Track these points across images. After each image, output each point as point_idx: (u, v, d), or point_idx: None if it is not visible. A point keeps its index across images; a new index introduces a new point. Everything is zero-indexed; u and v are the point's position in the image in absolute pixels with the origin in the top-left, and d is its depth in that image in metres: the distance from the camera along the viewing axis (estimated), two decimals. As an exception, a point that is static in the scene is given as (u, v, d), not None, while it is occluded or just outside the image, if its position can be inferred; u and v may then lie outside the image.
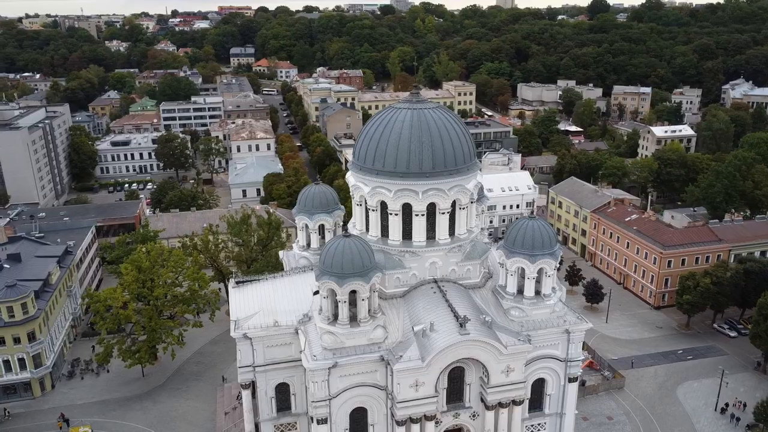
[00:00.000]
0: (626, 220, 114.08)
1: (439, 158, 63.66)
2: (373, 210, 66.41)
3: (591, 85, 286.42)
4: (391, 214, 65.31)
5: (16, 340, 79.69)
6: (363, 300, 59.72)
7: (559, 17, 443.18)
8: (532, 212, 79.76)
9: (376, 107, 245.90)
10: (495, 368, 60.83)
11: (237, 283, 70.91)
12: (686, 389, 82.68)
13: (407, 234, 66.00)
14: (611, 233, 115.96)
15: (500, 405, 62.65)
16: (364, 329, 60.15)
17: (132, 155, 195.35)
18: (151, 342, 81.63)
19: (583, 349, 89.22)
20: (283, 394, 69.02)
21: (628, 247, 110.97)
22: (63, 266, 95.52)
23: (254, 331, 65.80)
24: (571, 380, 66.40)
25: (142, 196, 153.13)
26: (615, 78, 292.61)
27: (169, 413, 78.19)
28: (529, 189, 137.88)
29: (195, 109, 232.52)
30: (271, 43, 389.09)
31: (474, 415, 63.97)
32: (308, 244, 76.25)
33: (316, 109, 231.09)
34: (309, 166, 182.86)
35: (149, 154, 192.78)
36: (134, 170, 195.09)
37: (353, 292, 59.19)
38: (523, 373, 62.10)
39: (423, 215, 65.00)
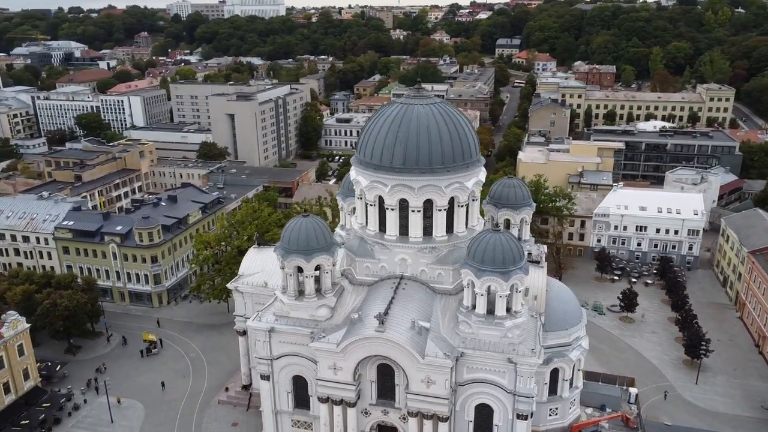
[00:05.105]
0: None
1: (412, 155, 63.12)
2: (358, 198, 69.16)
3: None
4: (368, 204, 67.23)
5: (143, 260, 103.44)
6: (308, 277, 63.85)
7: None
8: (496, 225, 70.64)
9: (605, 107, 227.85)
10: (414, 375, 59.28)
11: (258, 245, 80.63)
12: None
13: (383, 226, 67.06)
14: (760, 282, 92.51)
15: (423, 415, 60.62)
16: (307, 304, 64.36)
17: (350, 132, 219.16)
18: (226, 282, 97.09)
19: (634, 402, 77.28)
20: (271, 348, 77.20)
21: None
22: (207, 212, 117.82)
23: (244, 287, 75.44)
24: (519, 417, 59.84)
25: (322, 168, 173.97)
26: None
27: (220, 344, 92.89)
28: (695, 215, 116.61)
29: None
30: (536, 35, 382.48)
31: (404, 418, 63.08)
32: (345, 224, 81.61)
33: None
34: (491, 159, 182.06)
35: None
36: (350, 145, 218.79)
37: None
38: (447, 390, 58.89)
39: (394, 210, 65.37)
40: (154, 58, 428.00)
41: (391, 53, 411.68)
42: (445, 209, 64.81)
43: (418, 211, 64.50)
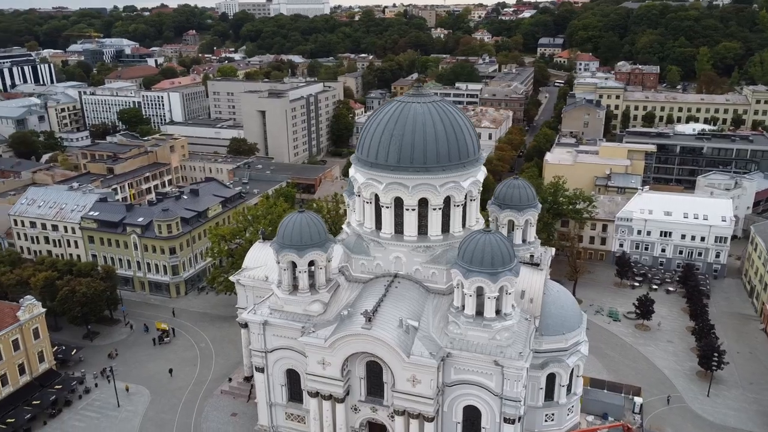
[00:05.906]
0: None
1: (406, 153, 63.08)
2: (356, 195, 69.46)
3: None
4: (365, 201, 67.50)
5: (162, 251, 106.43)
6: (301, 272, 64.61)
7: None
8: (487, 225, 69.15)
9: (644, 108, 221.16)
10: (400, 374, 59.31)
11: (263, 239, 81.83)
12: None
13: (379, 224, 67.19)
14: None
15: (409, 414, 60.53)
16: (301, 299, 65.18)
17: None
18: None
19: (638, 411, 75.27)
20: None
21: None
22: (228, 206, 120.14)
23: (246, 280, 76.71)
24: (507, 420, 59.07)
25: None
26: None
27: (229, 335, 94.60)
28: (723, 221, 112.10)
29: (454, 95, 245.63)
30: (579, 33, 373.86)
31: (392, 416, 63.02)
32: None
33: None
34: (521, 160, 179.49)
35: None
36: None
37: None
38: (432, 390, 58.61)
39: (389, 208, 65.41)
40: (200, 55, 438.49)
41: (432, 52, 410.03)
42: (440, 208, 64.47)
43: (413, 210, 64.38)
